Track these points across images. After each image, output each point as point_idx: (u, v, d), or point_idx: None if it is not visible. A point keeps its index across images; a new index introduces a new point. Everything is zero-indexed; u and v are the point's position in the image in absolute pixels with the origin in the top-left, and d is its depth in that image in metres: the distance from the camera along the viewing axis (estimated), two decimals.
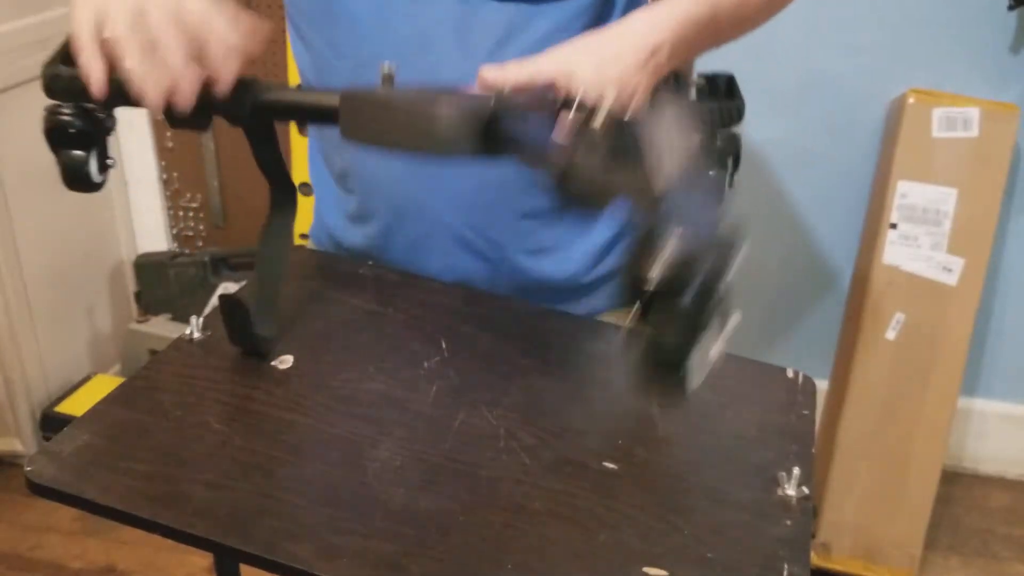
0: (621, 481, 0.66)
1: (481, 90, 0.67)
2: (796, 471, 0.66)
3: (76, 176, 0.70)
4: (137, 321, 2.10)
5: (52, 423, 1.92)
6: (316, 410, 0.71)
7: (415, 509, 0.62)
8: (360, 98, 0.64)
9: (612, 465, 0.67)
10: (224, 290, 2.00)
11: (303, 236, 1.06)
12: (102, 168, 0.71)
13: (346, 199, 0.91)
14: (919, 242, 1.64)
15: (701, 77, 0.82)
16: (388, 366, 0.76)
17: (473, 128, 0.61)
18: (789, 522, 0.63)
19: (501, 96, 0.63)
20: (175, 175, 2.17)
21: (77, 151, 0.69)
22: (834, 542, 1.78)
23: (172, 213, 2.23)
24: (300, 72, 0.91)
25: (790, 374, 0.80)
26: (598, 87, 0.61)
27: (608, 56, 0.68)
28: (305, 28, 0.87)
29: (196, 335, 0.78)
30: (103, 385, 2.02)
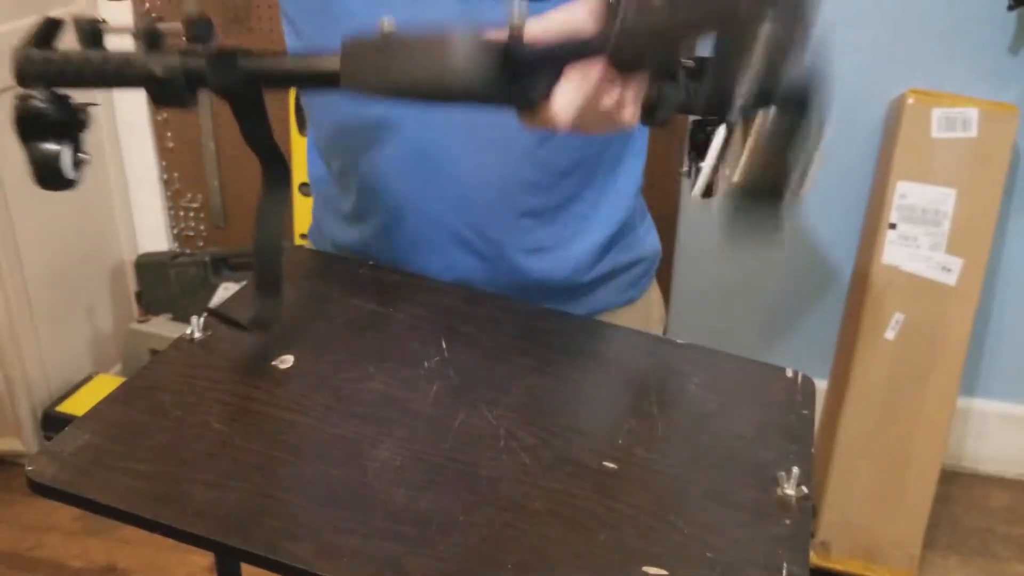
0: (621, 481, 0.66)
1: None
2: (795, 471, 0.66)
3: (49, 172, 0.65)
4: (138, 321, 2.11)
5: (53, 423, 1.92)
6: (316, 410, 0.71)
7: (415, 509, 0.62)
8: (364, 41, 0.60)
9: (612, 465, 0.67)
10: (224, 291, 2.00)
11: (303, 236, 1.06)
12: (76, 163, 0.66)
13: (344, 198, 0.91)
14: (918, 242, 1.64)
15: (690, 60, 0.80)
16: (388, 366, 0.77)
17: (488, 60, 0.56)
18: (788, 521, 0.63)
19: (515, 32, 0.57)
20: (176, 175, 2.17)
21: (50, 144, 0.64)
22: (834, 541, 1.78)
23: (173, 213, 2.23)
24: None
25: (789, 374, 0.81)
26: None
27: None
28: (301, 25, 0.87)
29: (197, 335, 0.79)
30: (104, 385, 2.02)
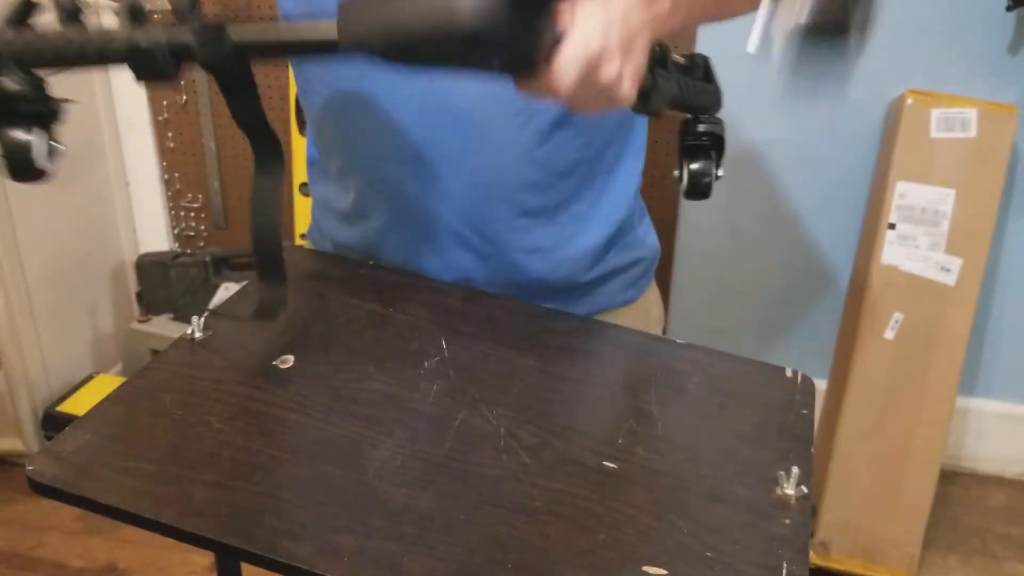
0: (621, 480, 0.66)
1: None
2: (795, 470, 0.66)
3: (21, 161, 0.60)
4: (139, 321, 2.11)
5: (54, 422, 1.92)
6: (317, 410, 0.71)
7: (415, 508, 0.62)
8: None
9: (612, 464, 0.68)
10: (225, 291, 2.00)
11: (303, 236, 1.06)
12: (50, 153, 0.62)
13: (344, 198, 0.91)
14: (917, 242, 1.64)
15: (680, 56, 0.80)
16: (389, 366, 0.77)
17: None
18: (788, 521, 0.64)
19: None
20: (176, 175, 2.18)
21: (21, 132, 0.60)
22: (833, 541, 1.78)
23: (173, 213, 2.23)
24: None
25: (789, 373, 0.81)
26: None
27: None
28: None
29: (197, 335, 0.79)
30: (105, 384, 2.02)
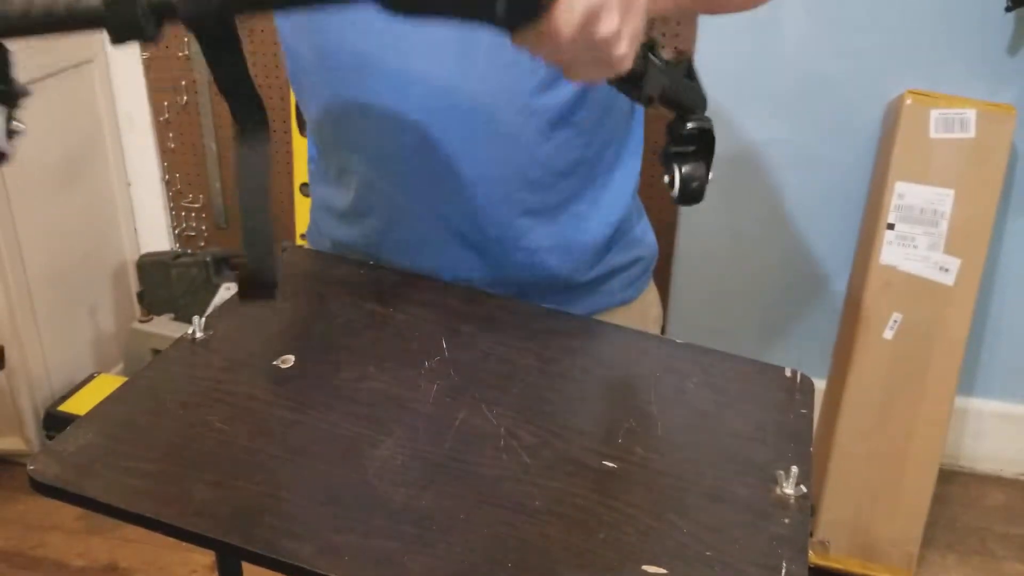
0: (620, 480, 0.67)
1: None
2: (794, 470, 0.66)
3: None
4: (140, 321, 2.11)
5: (55, 422, 1.92)
6: (317, 409, 0.71)
7: (416, 508, 0.62)
8: None
9: (612, 464, 0.68)
10: (226, 291, 2.00)
11: (303, 237, 1.07)
12: (9, 134, 0.60)
13: (343, 196, 0.92)
14: (916, 242, 1.64)
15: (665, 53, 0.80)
16: (389, 365, 0.77)
17: None
18: (787, 520, 0.64)
19: None
20: (177, 175, 2.18)
21: None
22: (832, 540, 1.78)
23: (174, 213, 2.23)
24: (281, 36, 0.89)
25: (788, 373, 0.81)
26: None
27: None
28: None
29: (198, 335, 0.79)
30: (106, 384, 2.02)
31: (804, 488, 0.66)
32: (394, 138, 0.82)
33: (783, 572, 0.59)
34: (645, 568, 0.59)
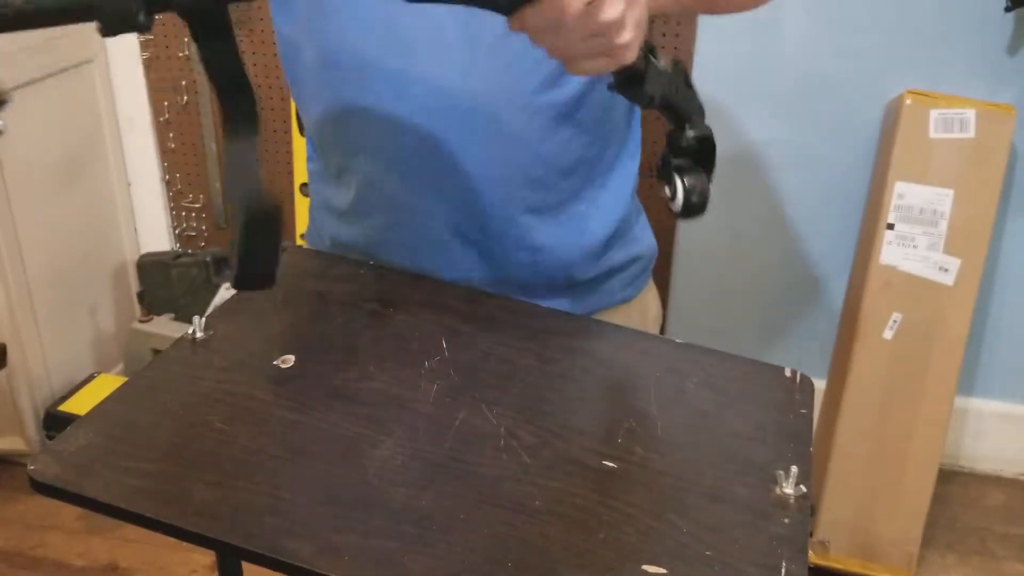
0: (620, 480, 0.67)
1: None
2: (794, 470, 0.66)
3: None
4: (140, 321, 2.11)
5: (55, 422, 1.92)
6: (317, 409, 0.71)
7: (416, 507, 0.62)
8: None
9: (611, 464, 0.68)
10: (226, 291, 2.00)
11: (303, 237, 1.07)
12: None
13: (343, 196, 0.92)
14: (916, 242, 1.64)
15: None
16: (389, 365, 0.77)
17: None
18: (787, 520, 0.64)
19: None
20: (177, 175, 2.18)
21: None
22: (832, 540, 1.78)
23: (174, 213, 2.23)
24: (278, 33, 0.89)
25: (788, 373, 0.81)
26: None
27: None
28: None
29: (199, 335, 0.79)
30: (106, 384, 2.02)
31: (804, 488, 0.66)
32: (395, 137, 0.82)
33: (783, 572, 0.59)
34: (645, 568, 0.59)
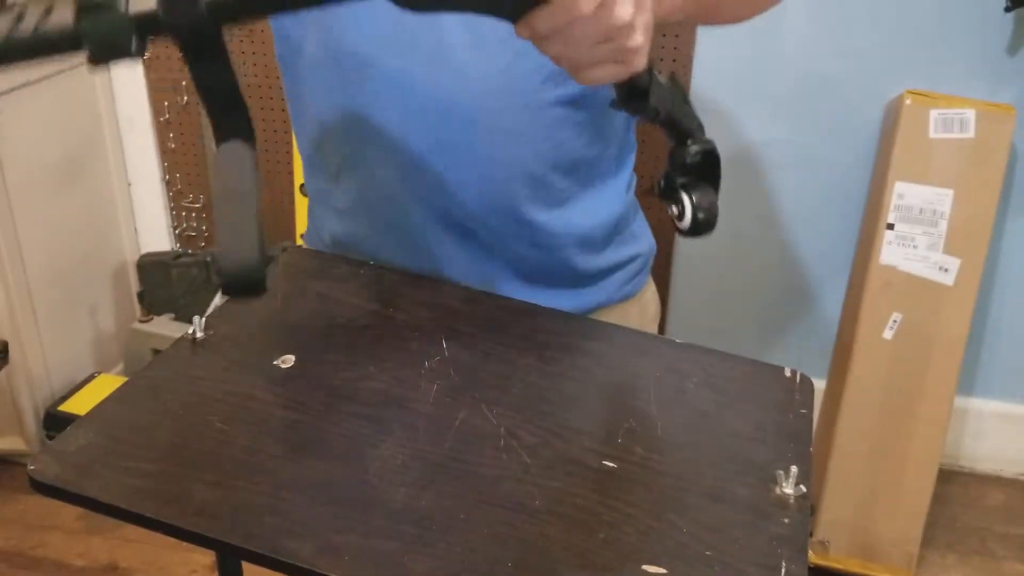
0: (620, 480, 0.67)
1: None
2: (794, 470, 0.66)
3: None
4: (140, 321, 2.11)
5: (55, 422, 1.92)
6: (317, 409, 0.71)
7: (416, 507, 0.62)
8: None
9: (611, 464, 0.68)
10: (221, 299, 2.00)
11: (303, 237, 1.06)
12: None
13: (344, 194, 0.91)
14: (916, 242, 1.64)
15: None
16: (389, 365, 0.77)
17: None
18: (787, 520, 0.64)
19: None
20: (177, 175, 2.18)
21: None
22: (832, 540, 1.78)
23: (175, 213, 2.23)
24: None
25: (788, 373, 0.81)
26: None
27: None
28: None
29: (199, 335, 0.79)
30: (106, 384, 2.02)
31: (804, 488, 0.66)
32: (396, 135, 0.82)
33: (783, 572, 0.59)
34: (645, 568, 0.59)
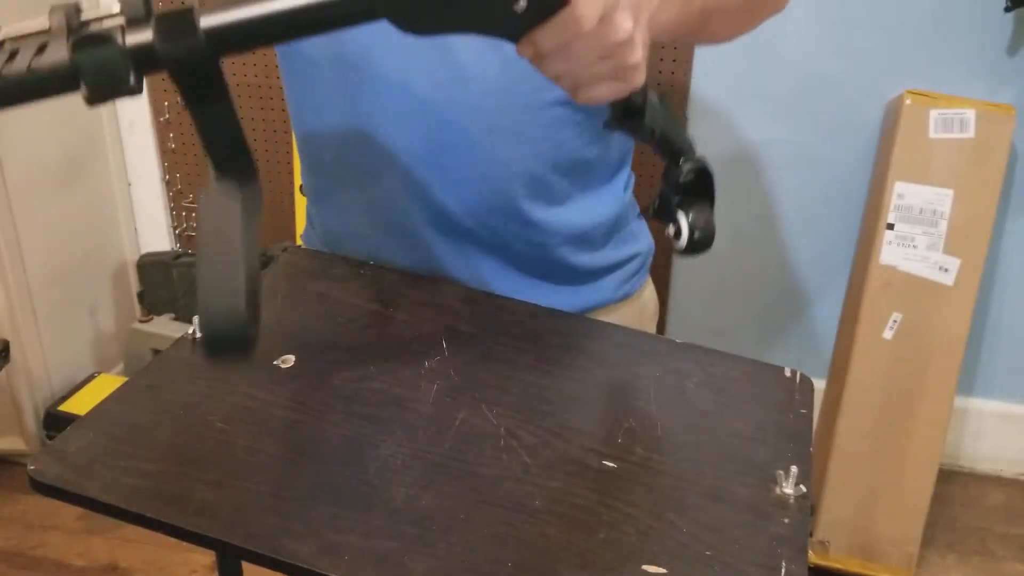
0: (620, 480, 0.67)
1: None
2: (794, 470, 0.66)
3: None
4: (140, 321, 2.11)
5: (55, 422, 1.92)
6: (317, 409, 0.71)
7: (416, 507, 0.62)
8: None
9: (611, 464, 0.68)
10: None
11: (302, 237, 1.06)
12: None
13: (344, 192, 0.91)
14: (916, 242, 1.64)
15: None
16: (389, 365, 0.77)
17: None
18: (787, 520, 0.64)
19: None
20: (177, 176, 2.18)
21: None
22: (832, 540, 1.78)
23: (175, 213, 2.23)
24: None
25: (788, 373, 0.81)
26: None
27: None
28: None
29: (199, 335, 0.79)
30: (106, 384, 2.02)
31: (804, 488, 0.66)
32: (395, 136, 0.82)
33: (783, 572, 0.59)
34: (645, 568, 0.59)
